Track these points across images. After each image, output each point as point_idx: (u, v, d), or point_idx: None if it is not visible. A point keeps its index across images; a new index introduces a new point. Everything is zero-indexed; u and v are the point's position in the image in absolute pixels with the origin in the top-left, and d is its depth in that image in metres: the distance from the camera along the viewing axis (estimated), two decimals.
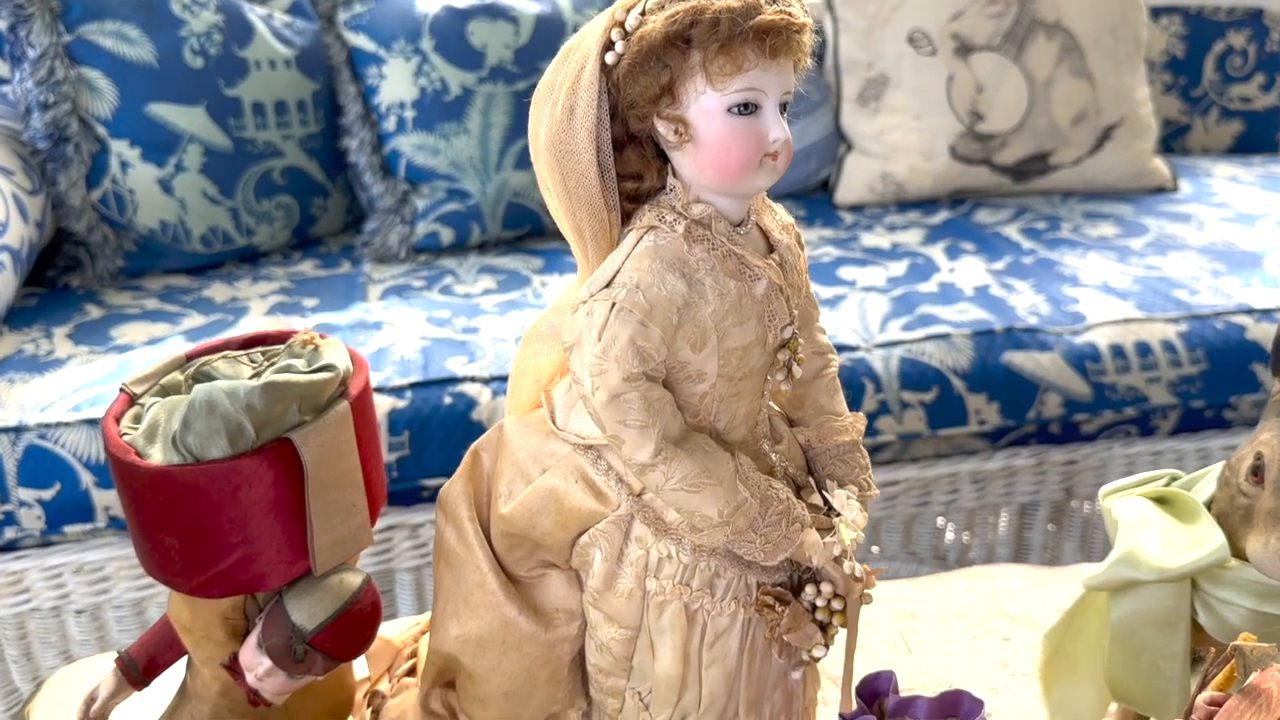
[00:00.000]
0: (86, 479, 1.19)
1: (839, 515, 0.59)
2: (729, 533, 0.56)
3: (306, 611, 0.62)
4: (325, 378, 0.62)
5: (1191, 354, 1.39)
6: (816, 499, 0.61)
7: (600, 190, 0.55)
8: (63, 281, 1.50)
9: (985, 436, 1.38)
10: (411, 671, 0.74)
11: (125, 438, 0.62)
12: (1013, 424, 1.36)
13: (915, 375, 1.34)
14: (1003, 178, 1.77)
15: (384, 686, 0.74)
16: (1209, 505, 0.69)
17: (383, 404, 1.26)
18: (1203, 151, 2.06)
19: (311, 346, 0.65)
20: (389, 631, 0.79)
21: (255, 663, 0.63)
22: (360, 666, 0.78)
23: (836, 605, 0.60)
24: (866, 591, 0.61)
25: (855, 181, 1.78)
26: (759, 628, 0.61)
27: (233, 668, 0.65)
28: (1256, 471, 0.65)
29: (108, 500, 1.19)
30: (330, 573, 0.64)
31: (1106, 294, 1.46)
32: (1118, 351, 1.38)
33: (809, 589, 0.60)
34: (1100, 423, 1.39)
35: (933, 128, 1.74)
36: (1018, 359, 1.36)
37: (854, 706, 0.59)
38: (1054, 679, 0.76)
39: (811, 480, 0.63)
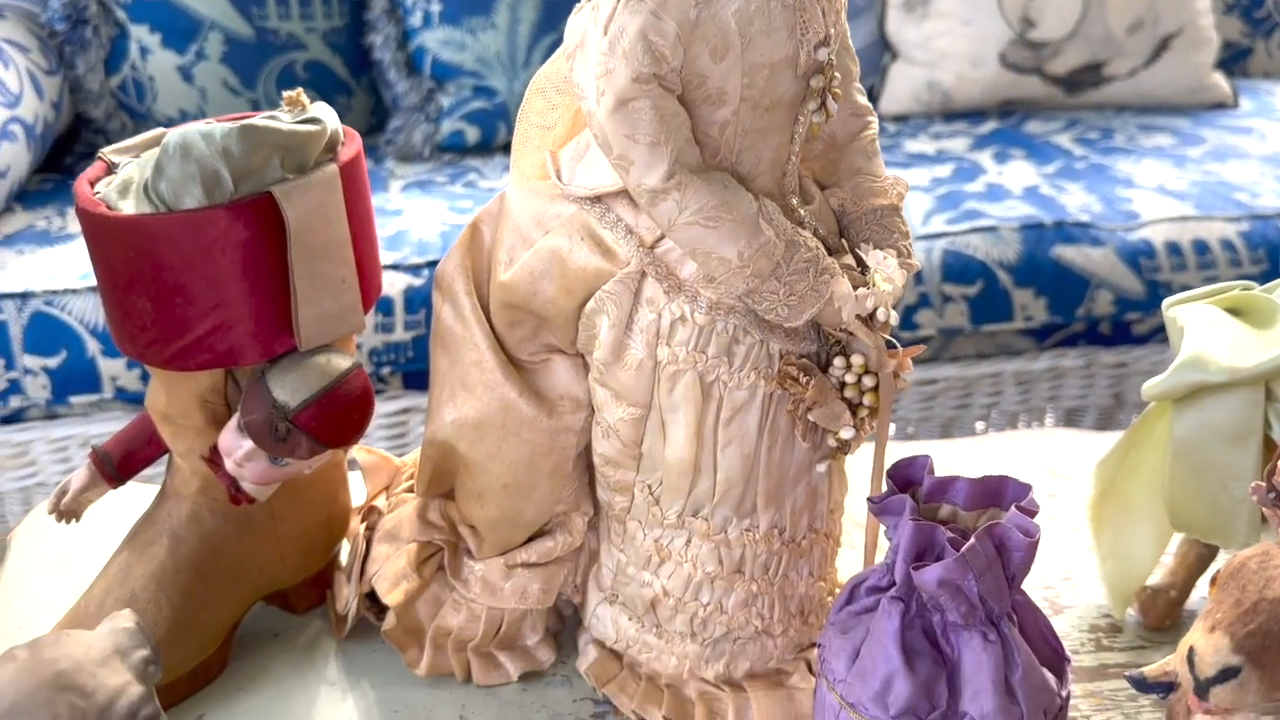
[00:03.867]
0: (93, 347, 1.15)
1: (874, 272, 0.53)
2: (749, 278, 0.50)
3: (290, 388, 0.57)
4: (310, 130, 0.57)
5: (1253, 253, 1.31)
6: (849, 260, 0.55)
7: None
8: (80, 168, 1.46)
9: (1031, 334, 1.31)
10: (411, 490, 0.69)
11: (97, 195, 0.57)
12: (1061, 321, 1.29)
13: (959, 267, 1.27)
14: (1054, 89, 1.69)
15: (381, 503, 0.69)
16: None
17: (399, 282, 1.21)
18: (1264, 75, 1.96)
19: (299, 106, 0.60)
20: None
21: (235, 446, 0.58)
22: (359, 491, 0.73)
23: (868, 382, 0.54)
24: (901, 375, 0.55)
25: (900, 91, 1.71)
26: (781, 405, 0.55)
27: (213, 459, 0.60)
28: None
29: (114, 370, 1.15)
30: (317, 351, 0.59)
31: (1162, 194, 1.38)
32: (1174, 249, 1.30)
33: (838, 362, 0.54)
34: (1153, 323, 1.31)
35: (982, 34, 1.67)
36: (1068, 253, 1.29)
37: (884, 489, 0.53)
38: (1105, 520, 0.70)
39: (845, 244, 0.56)
